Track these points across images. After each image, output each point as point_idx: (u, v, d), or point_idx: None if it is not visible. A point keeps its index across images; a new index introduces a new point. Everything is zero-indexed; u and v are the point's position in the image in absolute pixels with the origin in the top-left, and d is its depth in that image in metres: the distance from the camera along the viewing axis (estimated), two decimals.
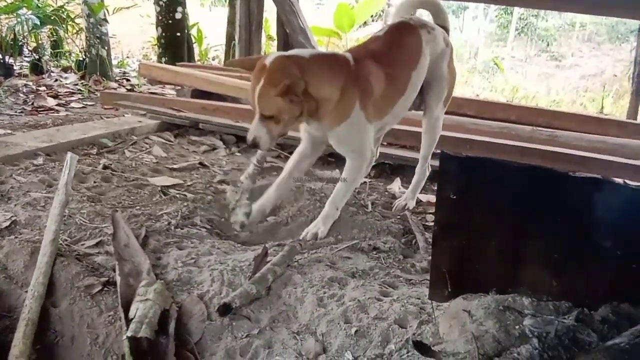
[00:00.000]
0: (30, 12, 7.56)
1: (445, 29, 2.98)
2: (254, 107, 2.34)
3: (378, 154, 3.35)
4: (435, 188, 3.32)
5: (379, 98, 2.56)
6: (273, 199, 2.72)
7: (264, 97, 2.27)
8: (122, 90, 6.98)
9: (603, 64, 18.21)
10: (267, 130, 2.33)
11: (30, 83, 6.58)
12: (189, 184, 3.19)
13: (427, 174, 3.11)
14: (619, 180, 1.54)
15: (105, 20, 7.72)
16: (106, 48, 7.67)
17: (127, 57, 10.70)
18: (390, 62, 2.61)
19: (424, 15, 3.29)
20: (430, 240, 2.47)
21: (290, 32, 5.97)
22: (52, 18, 7.96)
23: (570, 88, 15.38)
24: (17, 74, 7.13)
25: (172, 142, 4.21)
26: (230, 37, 8.79)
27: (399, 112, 2.78)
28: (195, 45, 9.88)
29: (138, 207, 2.72)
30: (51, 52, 8.63)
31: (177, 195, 2.97)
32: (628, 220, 1.48)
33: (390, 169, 3.85)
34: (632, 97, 6.56)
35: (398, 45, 2.70)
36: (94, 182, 3.04)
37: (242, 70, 4.64)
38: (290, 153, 2.87)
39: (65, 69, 8.01)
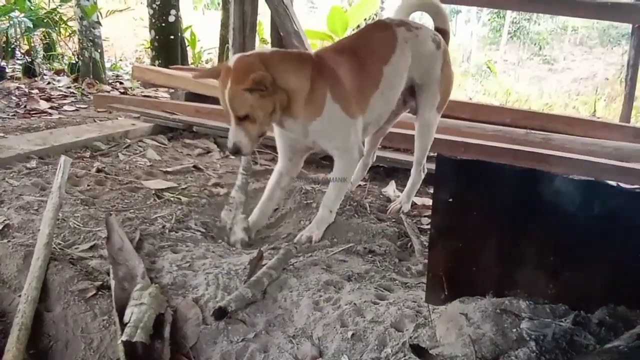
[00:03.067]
0: (22, 14, 7.51)
1: (445, 32, 2.96)
2: (227, 112, 2.33)
3: (375, 158, 3.35)
4: (431, 191, 3.36)
5: (352, 91, 2.54)
6: (258, 220, 2.73)
7: (234, 97, 2.27)
8: (116, 93, 6.95)
9: (595, 68, 18.32)
10: (245, 133, 2.33)
11: (23, 86, 6.54)
12: (183, 187, 3.18)
13: (422, 177, 3.10)
14: (613, 183, 1.54)
15: (99, 22, 7.69)
16: (99, 51, 7.64)
17: (120, 60, 10.66)
18: (357, 56, 2.60)
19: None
20: (426, 243, 2.47)
21: (284, 35, 5.95)
22: (45, 21, 7.93)
23: (562, 91, 15.46)
24: (9, 77, 7.08)
25: (166, 145, 4.20)
26: (223, 40, 8.79)
27: (378, 109, 2.71)
28: (188, 48, 9.86)
29: (132, 211, 2.71)
30: (44, 55, 8.59)
31: (172, 199, 2.96)
32: (622, 222, 1.48)
33: (385, 172, 3.86)
34: (625, 100, 6.58)
35: (366, 41, 2.69)
36: (88, 185, 3.03)
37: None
38: None
39: (58, 72, 7.97)
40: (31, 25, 7.50)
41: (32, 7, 8.04)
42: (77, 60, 7.94)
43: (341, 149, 2.56)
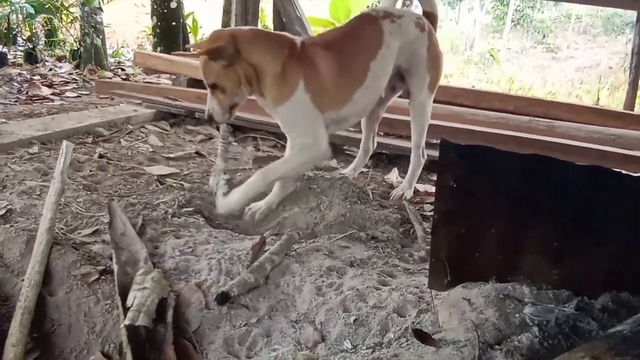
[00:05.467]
0: (24, 0, 7.49)
1: (433, 16, 2.96)
2: (204, 82, 2.46)
3: (375, 145, 3.34)
4: (433, 178, 3.35)
5: (332, 86, 2.55)
6: (280, 194, 2.78)
7: (203, 67, 2.41)
8: (117, 79, 6.94)
9: (598, 56, 18.24)
10: (217, 102, 2.46)
11: (25, 72, 6.53)
12: (185, 173, 3.18)
13: (422, 162, 3.10)
14: (616, 170, 1.53)
15: (100, 9, 7.67)
16: (101, 37, 7.62)
17: (122, 46, 10.64)
18: (344, 51, 2.60)
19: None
20: (428, 229, 2.47)
21: (287, 21, 5.94)
22: (47, 7, 7.90)
23: (565, 80, 15.40)
24: (11, 63, 7.08)
25: (168, 131, 4.19)
26: (225, 27, 8.75)
27: (361, 102, 2.73)
28: (190, 35, 9.83)
29: (134, 196, 2.71)
30: (45, 41, 8.57)
31: (174, 184, 2.95)
32: (625, 209, 1.48)
33: (387, 158, 3.85)
34: (629, 88, 6.55)
35: (354, 36, 2.68)
36: (90, 170, 3.03)
37: None
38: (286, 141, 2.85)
39: (59, 58, 7.96)
40: (33, 12, 7.47)
41: None
42: (78, 46, 7.93)
43: (299, 141, 2.55)
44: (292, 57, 2.45)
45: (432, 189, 3.00)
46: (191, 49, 2.47)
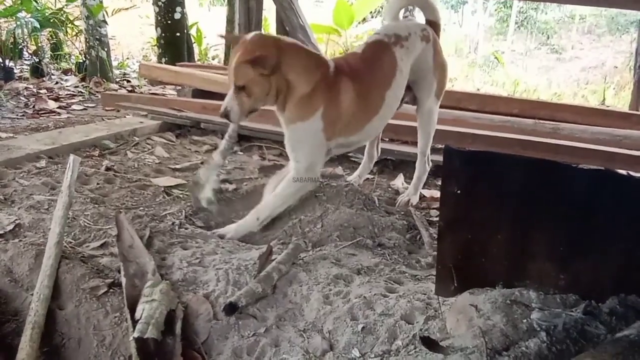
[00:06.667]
0: (29, 15, 7.55)
1: (435, 24, 2.99)
2: (230, 80, 2.41)
3: (380, 151, 3.35)
4: (439, 183, 3.34)
5: (348, 117, 2.58)
6: None
7: (238, 67, 2.36)
8: (123, 91, 6.97)
9: (603, 56, 18.14)
10: (238, 102, 2.41)
11: (31, 86, 6.57)
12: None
13: (428, 168, 3.11)
14: (623, 172, 1.53)
15: (105, 21, 7.72)
16: (106, 49, 7.66)
17: (127, 58, 10.69)
18: (364, 82, 2.63)
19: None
20: (435, 235, 2.47)
21: (290, 30, 5.95)
22: (52, 21, 7.96)
23: (571, 80, 15.33)
24: (17, 77, 7.12)
25: (174, 142, 4.21)
26: None
27: (372, 130, 2.82)
28: (195, 45, 9.87)
29: (142, 208, 2.72)
30: (51, 55, 8.63)
31: (181, 195, 2.97)
32: (632, 211, 1.47)
33: (392, 165, 3.86)
34: (635, 88, 6.53)
35: (372, 65, 2.70)
36: (97, 183, 3.05)
37: None
38: None
39: (65, 72, 8.00)
40: (38, 26, 7.52)
41: (38, 8, 8.06)
42: (84, 59, 7.97)
43: (298, 162, 2.57)
44: (322, 82, 2.49)
45: (438, 194, 2.99)
46: (236, 55, 2.40)
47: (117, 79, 7.99)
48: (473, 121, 4.23)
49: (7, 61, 7.26)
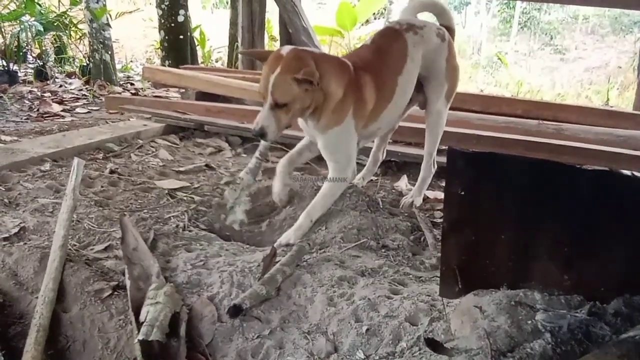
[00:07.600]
0: (33, 18, 7.56)
1: (450, 29, 2.98)
2: (265, 97, 2.34)
3: (385, 155, 3.35)
4: (442, 184, 3.34)
5: (369, 108, 2.60)
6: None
7: (280, 84, 2.28)
8: (127, 94, 6.99)
9: (607, 56, 18.11)
10: (275, 120, 2.34)
11: (35, 89, 6.59)
12: (195, 186, 3.20)
13: (433, 170, 3.10)
14: (627, 172, 1.52)
15: (108, 25, 7.73)
16: (109, 53, 7.68)
17: (131, 61, 10.71)
18: (378, 71, 2.63)
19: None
20: (439, 237, 2.46)
21: (293, 32, 5.97)
22: (55, 24, 7.97)
23: (574, 81, 15.32)
24: (21, 81, 7.14)
25: (177, 144, 4.22)
26: (233, 39, 8.80)
27: (387, 119, 2.80)
28: (198, 48, 9.88)
29: (146, 211, 2.73)
30: (55, 58, 8.64)
31: (185, 198, 2.97)
32: (637, 212, 1.47)
33: (396, 166, 3.85)
34: (638, 89, 6.51)
35: (383, 53, 2.70)
36: (101, 186, 3.05)
37: (246, 71, 4.63)
38: None
39: (69, 75, 8.02)
40: (42, 29, 7.54)
41: (42, 11, 8.08)
42: (88, 62, 7.99)
43: (339, 162, 2.59)
44: (349, 84, 2.49)
45: (442, 195, 3.00)
46: (274, 72, 2.32)
47: (121, 82, 8.00)
48: (477, 122, 4.23)
49: (11, 65, 7.29)
